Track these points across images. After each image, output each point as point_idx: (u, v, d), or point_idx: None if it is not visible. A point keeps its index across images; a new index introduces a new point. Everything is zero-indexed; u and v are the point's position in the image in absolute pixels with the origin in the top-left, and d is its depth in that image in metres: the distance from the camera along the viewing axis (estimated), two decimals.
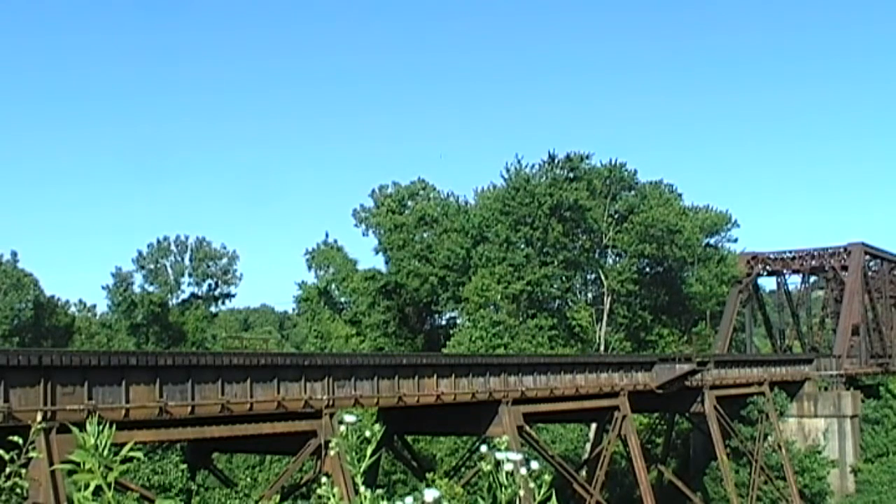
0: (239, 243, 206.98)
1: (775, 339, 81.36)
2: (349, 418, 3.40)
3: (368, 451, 3.37)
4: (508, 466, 3.33)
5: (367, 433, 3.36)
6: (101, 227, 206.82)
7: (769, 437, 52.62)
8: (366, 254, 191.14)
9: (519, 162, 66.63)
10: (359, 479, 3.35)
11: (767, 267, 77.10)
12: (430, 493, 3.08)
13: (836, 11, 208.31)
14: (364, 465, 3.35)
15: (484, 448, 3.45)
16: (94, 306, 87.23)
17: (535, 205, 62.80)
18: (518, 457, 3.34)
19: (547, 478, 3.45)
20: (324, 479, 3.78)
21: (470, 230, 65.55)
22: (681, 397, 44.79)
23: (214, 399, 23.92)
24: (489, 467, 3.39)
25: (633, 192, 68.55)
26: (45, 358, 20.40)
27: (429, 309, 71.42)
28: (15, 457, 4.54)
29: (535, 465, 3.40)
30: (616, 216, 67.39)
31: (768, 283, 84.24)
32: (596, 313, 67.38)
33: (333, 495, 3.45)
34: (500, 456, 3.34)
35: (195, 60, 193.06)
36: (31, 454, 4.63)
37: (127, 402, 21.79)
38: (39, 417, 18.44)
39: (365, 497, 3.30)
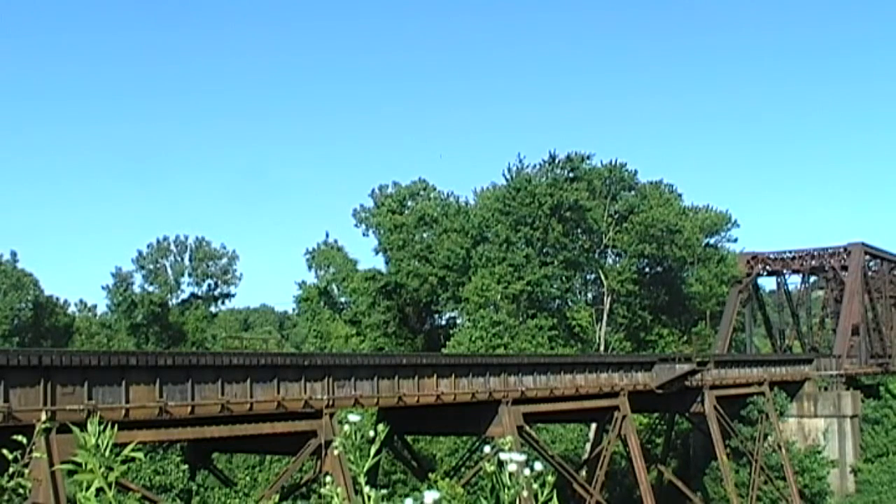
0: (239, 243, 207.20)
1: (775, 339, 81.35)
2: (353, 417, 3.39)
3: (372, 451, 3.36)
4: (512, 467, 3.32)
5: (371, 433, 3.36)
6: (101, 227, 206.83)
7: (769, 437, 52.58)
8: (366, 254, 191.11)
9: (521, 162, 66.79)
10: (362, 480, 3.34)
11: (767, 267, 77.08)
12: (429, 496, 3.06)
13: (835, 10, 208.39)
14: (366, 465, 3.35)
15: (488, 448, 3.44)
16: (94, 306, 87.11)
17: (536, 205, 62.80)
18: (522, 458, 3.33)
19: (550, 479, 3.44)
20: (328, 479, 3.78)
21: (470, 230, 65.55)
22: (681, 397, 44.78)
23: (214, 399, 23.91)
24: (493, 468, 3.39)
25: (633, 192, 68.59)
26: (45, 358, 20.39)
27: (429, 309, 71.40)
28: (18, 456, 4.53)
29: (538, 466, 3.39)
30: (616, 216, 67.40)
31: (768, 283, 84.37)
32: (596, 313, 67.38)
33: (337, 495, 3.44)
34: (504, 457, 3.33)
35: (195, 60, 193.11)
36: (35, 454, 4.62)
37: (127, 402, 21.79)
38: (44, 417, 18.43)
39: (369, 497, 3.29)
